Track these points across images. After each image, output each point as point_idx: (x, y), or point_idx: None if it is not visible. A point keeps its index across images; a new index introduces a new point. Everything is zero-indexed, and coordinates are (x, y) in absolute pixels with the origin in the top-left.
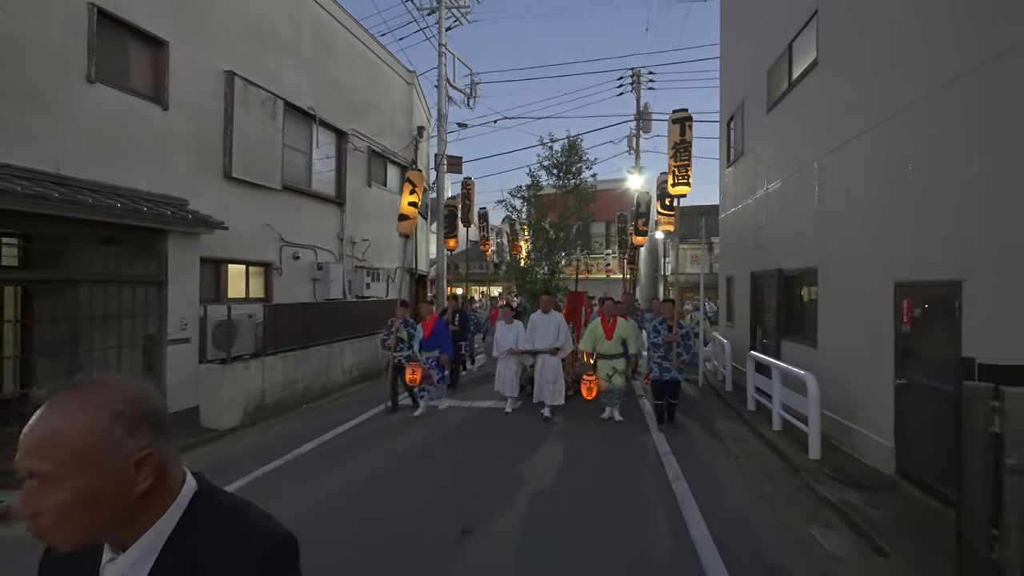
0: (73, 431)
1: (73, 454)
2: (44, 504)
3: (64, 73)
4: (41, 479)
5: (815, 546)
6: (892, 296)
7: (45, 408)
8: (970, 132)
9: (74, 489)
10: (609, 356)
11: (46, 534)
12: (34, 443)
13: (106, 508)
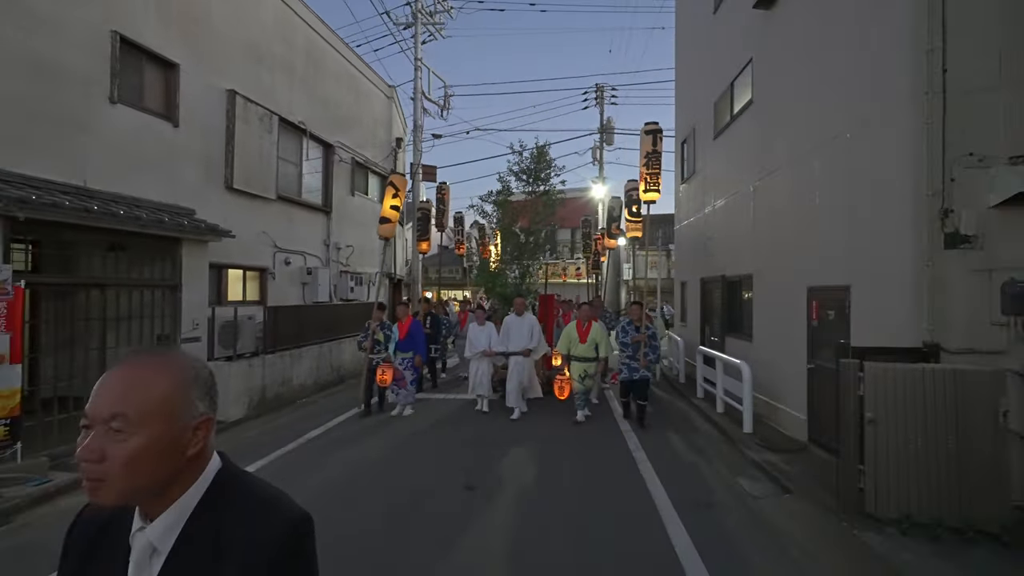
0: (160, 382)
1: (156, 402)
2: (114, 450)
3: (91, 95)
4: (121, 422)
5: (740, 490)
6: (805, 298)
7: (131, 363)
8: (847, 177)
9: (147, 436)
10: (582, 359)
11: (105, 480)
12: (121, 389)
13: (163, 463)
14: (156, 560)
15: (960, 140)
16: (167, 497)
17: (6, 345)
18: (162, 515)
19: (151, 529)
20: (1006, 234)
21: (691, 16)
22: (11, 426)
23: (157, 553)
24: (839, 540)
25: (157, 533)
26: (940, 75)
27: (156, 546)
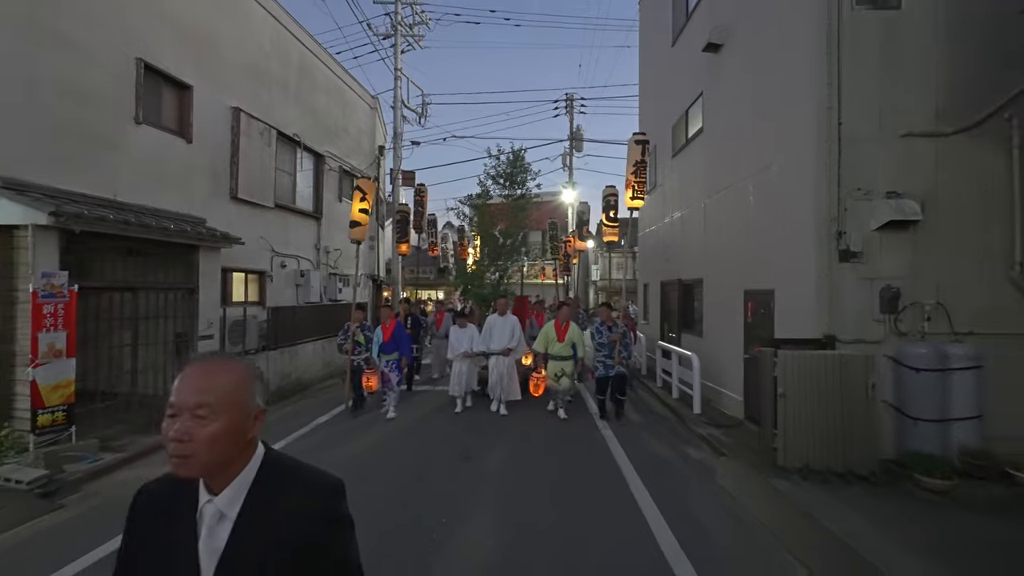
0: (232, 379)
1: (230, 394)
2: (199, 432)
3: (119, 117)
4: (205, 411)
5: (686, 455)
6: (743, 299)
7: (205, 364)
8: (772, 201)
9: (224, 422)
10: (559, 358)
11: (191, 456)
12: (202, 384)
13: (233, 444)
14: (224, 524)
15: (850, 178)
16: (230, 473)
17: (63, 341)
18: (227, 488)
19: (219, 499)
20: (883, 251)
21: (653, 44)
22: (67, 412)
23: (225, 519)
24: (757, 486)
25: (224, 502)
26: (836, 128)
27: (224, 512)
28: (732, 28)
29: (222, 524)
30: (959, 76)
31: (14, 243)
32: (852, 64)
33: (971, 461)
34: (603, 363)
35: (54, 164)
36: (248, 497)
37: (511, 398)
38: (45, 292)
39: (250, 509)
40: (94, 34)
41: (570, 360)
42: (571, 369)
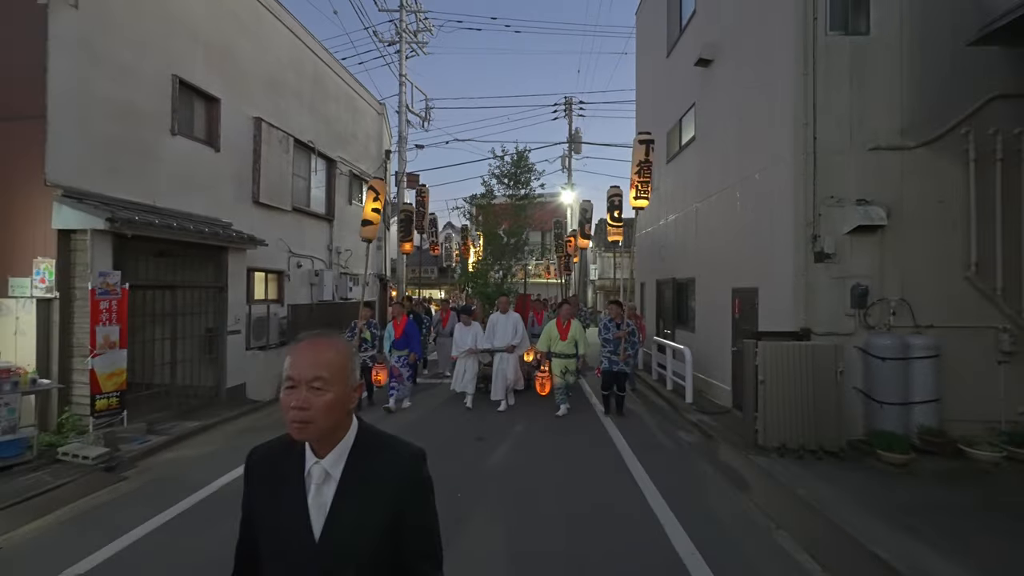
0: (339, 356)
1: (339, 369)
2: (316, 401)
3: (157, 129)
4: (320, 383)
5: (678, 439)
6: (731, 296)
7: (315, 343)
8: (757, 206)
9: (335, 392)
10: (562, 355)
11: (310, 422)
12: (316, 360)
13: (341, 412)
14: (329, 483)
15: (825, 186)
16: (334, 439)
17: (117, 334)
18: (331, 452)
19: (325, 461)
20: (853, 253)
21: (649, 53)
22: (120, 397)
23: (330, 478)
24: (739, 462)
25: (330, 463)
26: (812, 141)
27: (330, 472)
28: (721, 45)
29: (328, 483)
30: (922, 95)
31: (72, 246)
32: (826, 84)
33: (928, 439)
34: (608, 358)
35: (104, 174)
36: (348, 460)
37: (516, 388)
38: (102, 290)
39: (351, 470)
40: (137, 55)
41: (573, 358)
42: (574, 366)
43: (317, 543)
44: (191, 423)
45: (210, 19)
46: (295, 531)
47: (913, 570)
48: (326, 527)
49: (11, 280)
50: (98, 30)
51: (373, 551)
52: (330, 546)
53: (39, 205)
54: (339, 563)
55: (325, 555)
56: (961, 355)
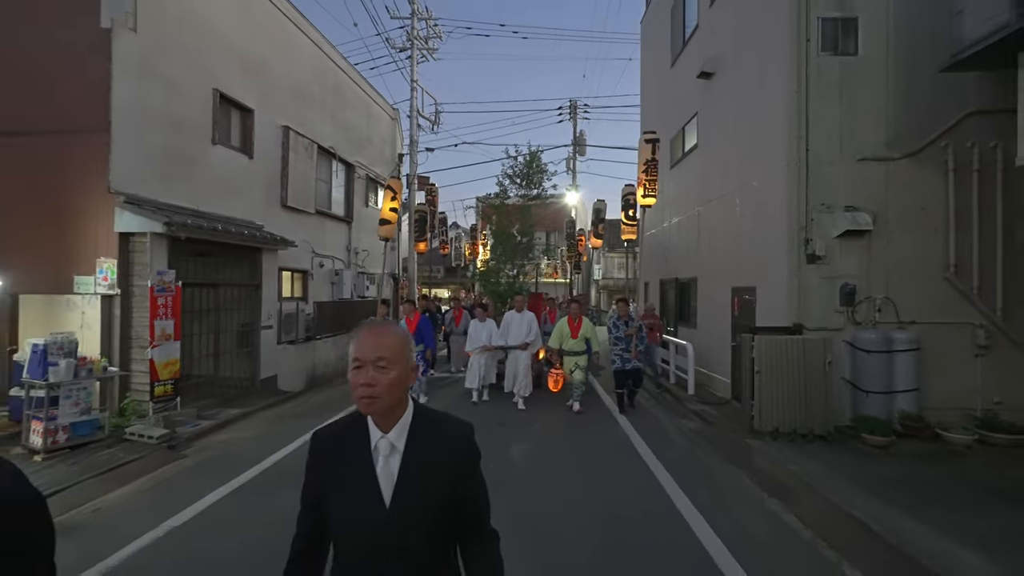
0: (399, 340)
1: (399, 351)
2: (381, 379)
3: (200, 139)
4: (385, 362)
5: (682, 427)
6: (730, 295)
7: (378, 327)
8: (754, 212)
9: (397, 371)
10: (573, 353)
11: (377, 398)
12: (380, 342)
13: (402, 389)
14: (395, 455)
15: (816, 194)
16: (396, 415)
17: (171, 327)
18: (395, 427)
19: (391, 435)
20: (842, 255)
21: (654, 62)
22: (175, 385)
23: (395, 450)
24: (736, 445)
25: (395, 437)
26: (804, 153)
27: (395, 445)
28: (722, 60)
29: (393, 455)
30: (905, 111)
31: (131, 247)
32: (817, 100)
33: (908, 424)
34: (620, 356)
35: (157, 181)
36: (410, 433)
37: (526, 393)
38: (159, 287)
39: (413, 442)
40: (184, 72)
41: (584, 355)
42: (585, 363)
43: (388, 510)
44: (233, 410)
45: (244, 35)
46: (368, 500)
47: (882, 527)
48: (395, 495)
49: (76, 278)
50: (152, 50)
51: (436, 514)
52: (400, 512)
53: (102, 210)
54: (409, 527)
55: (396, 520)
56: (941, 349)
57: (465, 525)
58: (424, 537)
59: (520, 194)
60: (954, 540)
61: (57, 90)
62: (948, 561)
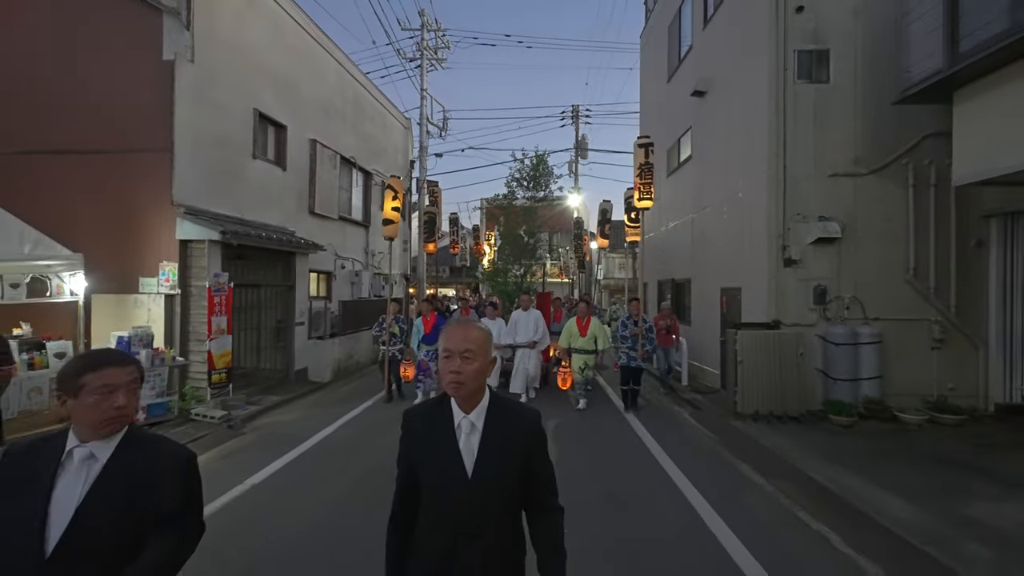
0: (481, 336)
1: (481, 345)
2: (467, 367)
3: (242, 154)
4: (470, 353)
5: (675, 410)
6: (719, 295)
7: (463, 324)
8: (740, 220)
9: (480, 361)
10: (582, 351)
11: (463, 383)
12: (466, 336)
13: (483, 376)
14: (475, 432)
15: (793, 206)
16: (476, 399)
17: (225, 323)
18: (475, 409)
19: (472, 416)
20: (815, 260)
21: (652, 75)
22: (228, 373)
23: (475, 428)
24: (721, 425)
25: (475, 417)
26: (782, 169)
27: (475, 424)
28: (713, 80)
29: (473, 433)
30: (871, 132)
31: (189, 252)
32: (794, 122)
33: (870, 407)
34: (627, 354)
35: (209, 193)
36: (487, 415)
37: (534, 385)
38: (215, 288)
39: (491, 423)
40: (230, 95)
41: (593, 354)
42: (593, 362)
43: (470, 478)
44: (273, 397)
45: (279, 58)
46: (452, 469)
47: (833, 484)
48: (476, 466)
49: (142, 280)
50: (205, 77)
51: (510, 483)
52: (480, 480)
53: (165, 220)
54: (487, 493)
55: (477, 487)
56: (901, 342)
57: (534, 497)
58: (498, 503)
59: (527, 196)
60: (887, 491)
61: (127, 115)
62: (878, 505)
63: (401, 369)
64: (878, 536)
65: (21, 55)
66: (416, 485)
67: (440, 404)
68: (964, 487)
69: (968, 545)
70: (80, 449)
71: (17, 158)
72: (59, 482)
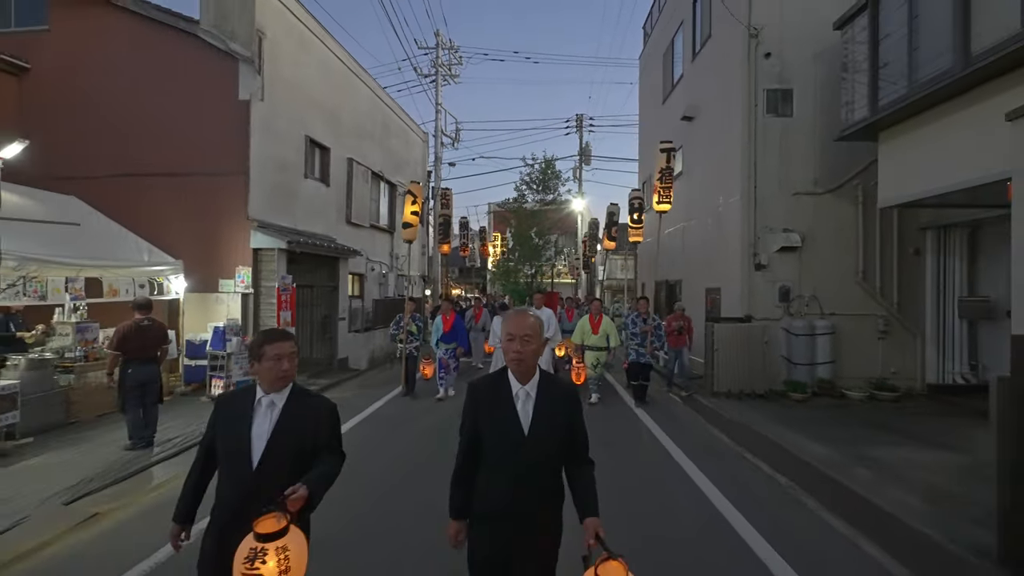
0: (536, 322)
1: (536, 330)
2: (527, 348)
3: (296, 175)
4: (528, 336)
5: (665, 394)
6: (704, 295)
7: (521, 313)
8: (720, 229)
9: (535, 344)
10: (594, 348)
11: (522, 359)
12: (525, 323)
13: (536, 356)
14: (529, 400)
15: (762, 219)
16: (531, 374)
17: (290, 316)
18: (529, 382)
19: (527, 387)
20: (780, 265)
21: (649, 97)
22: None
23: (529, 397)
24: (699, 403)
25: (529, 388)
26: (753, 188)
27: (529, 393)
28: (699, 108)
29: (528, 401)
30: (827, 158)
31: (260, 258)
32: (763, 149)
33: (823, 386)
34: (636, 351)
35: (273, 209)
36: (539, 387)
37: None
38: (283, 288)
39: (542, 392)
40: (289, 126)
41: (605, 351)
42: (605, 358)
43: (527, 436)
44: (323, 380)
45: (325, 90)
46: (511, 429)
47: (777, 437)
48: (531, 427)
49: (221, 281)
50: (271, 112)
51: (556, 440)
52: (534, 437)
53: (241, 232)
54: (539, 449)
55: (532, 443)
56: (852, 333)
57: (573, 451)
58: (548, 455)
59: (537, 199)
60: (814, 440)
61: (211, 144)
62: (803, 448)
63: (421, 367)
64: (796, 465)
65: (129, 98)
66: (479, 445)
67: (500, 378)
68: (873, 439)
69: (856, 469)
70: (265, 398)
71: (126, 179)
72: (255, 420)
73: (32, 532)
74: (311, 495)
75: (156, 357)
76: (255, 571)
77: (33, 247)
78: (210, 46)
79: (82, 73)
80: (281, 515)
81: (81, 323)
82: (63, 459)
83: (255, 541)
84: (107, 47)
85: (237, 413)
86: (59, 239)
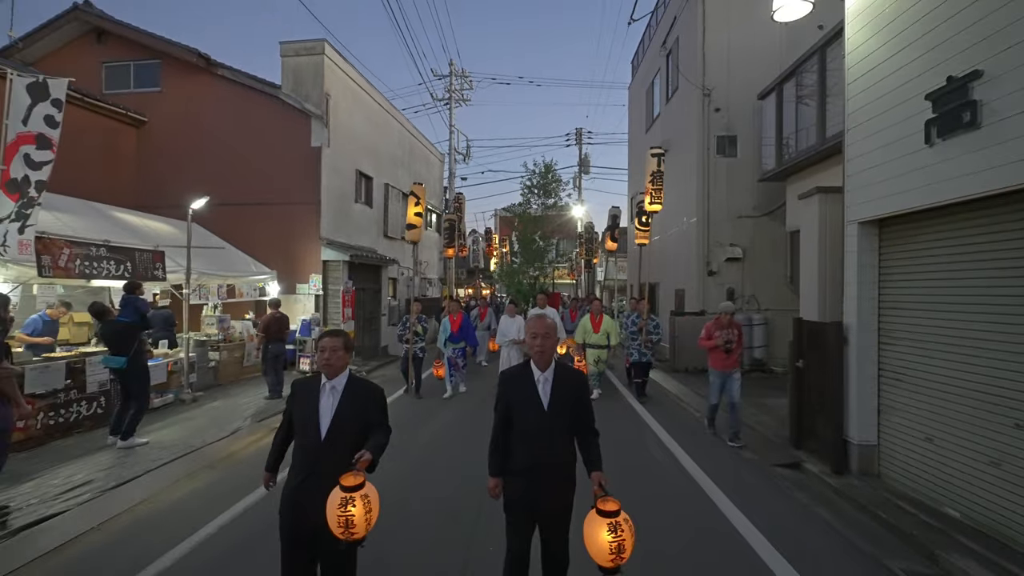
0: (552, 323)
1: (554, 329)
2: (547, 344)
3: (348, 201)
4: (549, 333)
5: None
6: (674, 294)
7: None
8: (684, 242)
9: (553, 340)
10: (596, 346)
11: (544, 352)
12: (544, 324)
13: (555, 349)
14: (547, 382)
15: (714, 236)
16: (549, 362)
17: (351, 313)
18: (548, 369)
19: (546, 373)
20: (727, 271)
21: (636, 124)
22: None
23: (548, 380)
24: (663, 378)
25: (548, 374)
26: (707, 212)
27: (548, 378)
28: (671, 143)
29: (547, 383)
30: (763, 189)
31: (327, 268)
32: (714, 182)
33: (755, 364)
34: (637, 350)
35: (334, 228)
36: (555, 373)
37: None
38: (346, 290)
39: (557, 376)
40: (344, 163)
41: (606, 348)
42: (605, 356)
43: (546, 409)
44: (373, 363)
45: (369, 130)
46: (535, 406)
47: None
48: (550, 403)
49: (298, 285)
50: (334, 154)
51: (569, 414)
52: (553, 412)
53: (314, 248)
54: (556, 420)
55: (550, 415)
56: (782, 325)
57: (582, 423)
58: (562, 427)
59: (540, 203)
60: None
61: (291, 181)
62: None
63: (434, 369)
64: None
65: (226, 145)
66: (509, 420)
67: (525, 367)
68: (770, 395)
69: (749, 411)
70: (328, 383)
71: (230, 208)
72: (321, 400)
73: (236, 441)
74: (373, 460)
75: (284, 337)
76: (348, 514)
77: (201, 265)
78: (290, 106)
79: (188, 125)
80: (358, 472)
81: (221, 316)
82: (232, 404)
83: (342, 492)
84: (208, 105)
85: (308, 395)
86: (209, 257)
